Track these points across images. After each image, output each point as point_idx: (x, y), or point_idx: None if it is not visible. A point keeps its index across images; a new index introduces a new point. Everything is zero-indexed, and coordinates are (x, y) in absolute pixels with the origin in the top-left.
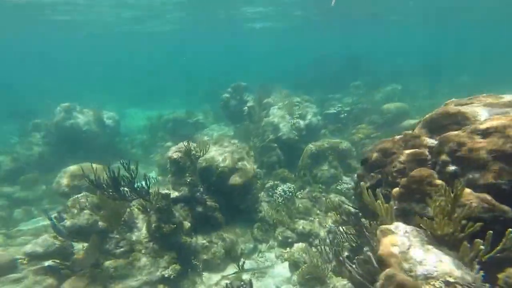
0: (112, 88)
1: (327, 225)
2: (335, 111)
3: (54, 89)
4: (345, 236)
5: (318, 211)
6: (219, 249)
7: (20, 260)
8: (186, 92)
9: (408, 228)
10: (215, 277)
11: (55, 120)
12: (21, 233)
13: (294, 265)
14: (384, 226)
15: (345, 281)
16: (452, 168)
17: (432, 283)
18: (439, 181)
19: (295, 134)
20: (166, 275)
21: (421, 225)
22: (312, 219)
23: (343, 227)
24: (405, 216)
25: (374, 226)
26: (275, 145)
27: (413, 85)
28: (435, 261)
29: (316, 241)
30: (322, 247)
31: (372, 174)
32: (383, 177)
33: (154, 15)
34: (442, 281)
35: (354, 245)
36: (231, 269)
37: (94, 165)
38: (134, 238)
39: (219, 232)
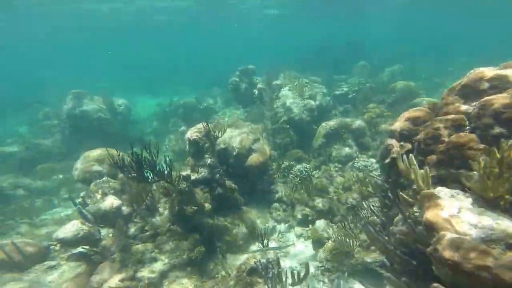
0: (118, 78)
1: (348, 200)
2: (343, 91)
3: (59, 80)
4: (371, 209)
5: (336, 189)
6: (241, 230)
7: (52, 246)
8: (193, 79)
9: (453, 191)
10: (239, 258)
11: (66, 108)
12: (45, 222)
13: (318, 242)
14: (426, 191)
15: (374, 254)
16: (497, 130)
17: (492, 246)
18: (481, 145)
19: (307, 114)
20: (192, 257)
21: (467, 188)
22: (331, 196)
23: (367, 202)
24: (442, 183)
25: (407, 195)
26: (288, 126)
27: (416, 66)
28: (492, 224)
29: (337, 218)
30: (347, 222)
31: (401, 144)
32: (414, 146)
33: (159, 6)
34: (504, 244)
35: (383, 218)
36: (253, 250)
37: (113, 150)
38: (157, 222)
39: (238, 213)
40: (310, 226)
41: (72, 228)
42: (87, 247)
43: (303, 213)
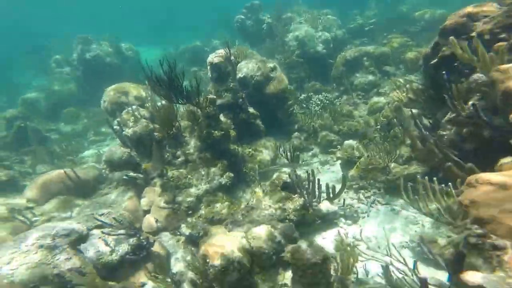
0: (116, 26)
1: (379, 120)
2: (358, 24)
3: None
4: (413, 117)
5: (361, 114)
6: (265, 156)
7: (103, 170)
8: (195, 24)
9: None
10: (266, 184)
11: (76, 54)
12: (85, 160)
13: (348, 163)
14: (503, 65)
15: (413, 167)
16: None
17: None
18: None
19: (322, 47)
20: (222, 183)
21: None
22: (357, 120)
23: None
24: None
25: (462, 88)
26: (302, 60)
27: None
28: None
29: (366, 141)
30: (380, 138)
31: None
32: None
33: None
34: None
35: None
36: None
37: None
38: (186, 149)
39: (261, 141)
40: (338, 147)
41: (116, 150)
42: (131, 172)
43: (327, 139)
